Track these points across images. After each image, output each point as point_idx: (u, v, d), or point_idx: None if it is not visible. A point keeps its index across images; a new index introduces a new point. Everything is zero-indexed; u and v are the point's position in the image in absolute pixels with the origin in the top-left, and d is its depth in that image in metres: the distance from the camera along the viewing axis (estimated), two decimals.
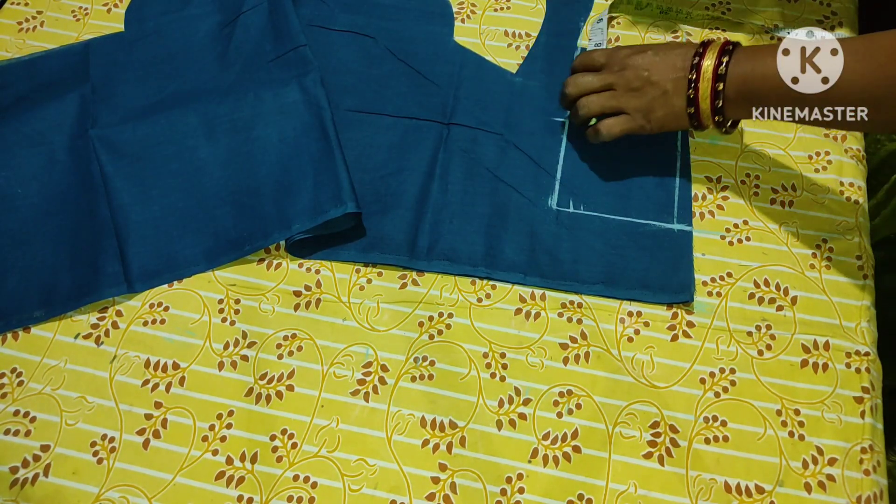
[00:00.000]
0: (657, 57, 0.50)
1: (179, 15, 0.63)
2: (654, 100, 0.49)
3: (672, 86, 0.49)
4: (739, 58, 0.46)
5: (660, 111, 0.49)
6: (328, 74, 0.59)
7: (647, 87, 0.49)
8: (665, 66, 0.49)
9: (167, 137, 0.55)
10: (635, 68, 0.50)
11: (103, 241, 0.52)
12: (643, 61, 0.50)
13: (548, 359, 0.48)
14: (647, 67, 0.50)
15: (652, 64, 0.49)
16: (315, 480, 0.44)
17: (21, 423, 0.46)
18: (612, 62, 0.51)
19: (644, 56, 0.50)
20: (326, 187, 0.51)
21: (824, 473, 0.44)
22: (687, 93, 0.48)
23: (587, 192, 0.54)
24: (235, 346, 0.49)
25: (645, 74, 0.49)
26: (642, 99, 0.50)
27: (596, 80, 0.52)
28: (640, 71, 0.50)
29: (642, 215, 0.53)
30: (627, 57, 0.51)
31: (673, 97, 0.49)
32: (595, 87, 0.52)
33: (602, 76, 0.52)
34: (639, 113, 0.50)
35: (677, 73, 0.48)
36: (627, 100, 0.50)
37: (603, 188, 0.54)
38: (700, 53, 0.48)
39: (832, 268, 0.50)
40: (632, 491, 0.43)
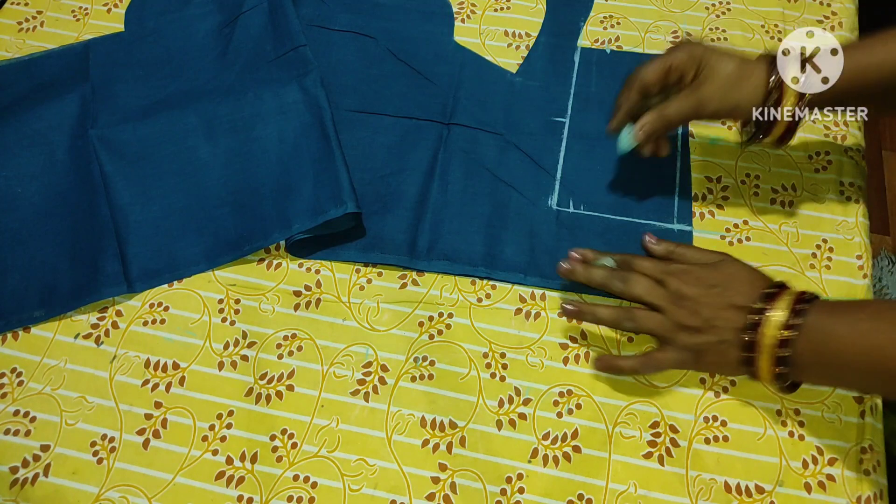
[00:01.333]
0: (718, 291, 0.43)
1: (179, 15, 0.63)
2: (708, 345, 0.43)
3: (732, 336, 0.42)
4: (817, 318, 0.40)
5: (712, 357, 0.43)
6: (328, 74, 0.59)
7: (705, 330, 0.43)
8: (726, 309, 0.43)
9: (167, 137, 0.55)
10: (693, 302, 0.44)
11: (103, 241, 0.52)
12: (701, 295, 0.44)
13: (548, 359, 0.48)
14: (706, 303, 0.43)
15: (711, 301, 0.43)
16: (315, 480, 0.44)
17: (21, 423, 0.46)
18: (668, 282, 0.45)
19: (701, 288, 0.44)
20: (326, 187, 0.51)
21: (824, 473, 0.44)
22: (741, 354, 0.42)
23: (587, 192, 0.54)
24: (235, 346, 0.49)
25: (706, 315, 0.43)
26: (695, 339, 0.43)
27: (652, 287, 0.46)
28: (698, 307, 0.43)
29: (642, 215, 0.53)
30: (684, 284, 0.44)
31: (729, 349, 0.43)
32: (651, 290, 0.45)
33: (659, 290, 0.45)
34: (688, 352, 0.44)
35: (737, 323, 0.42)
36: (677, 334, 0.44)
37: (603, 188, 0.54)
38: (768, 298, 0.41)
39: (832, 268, 0.50)
40: (632, 491, 0.43)
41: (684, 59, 0.45)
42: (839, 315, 0.39)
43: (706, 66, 0.45)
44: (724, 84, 0.45)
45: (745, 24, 0.62)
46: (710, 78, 0.45)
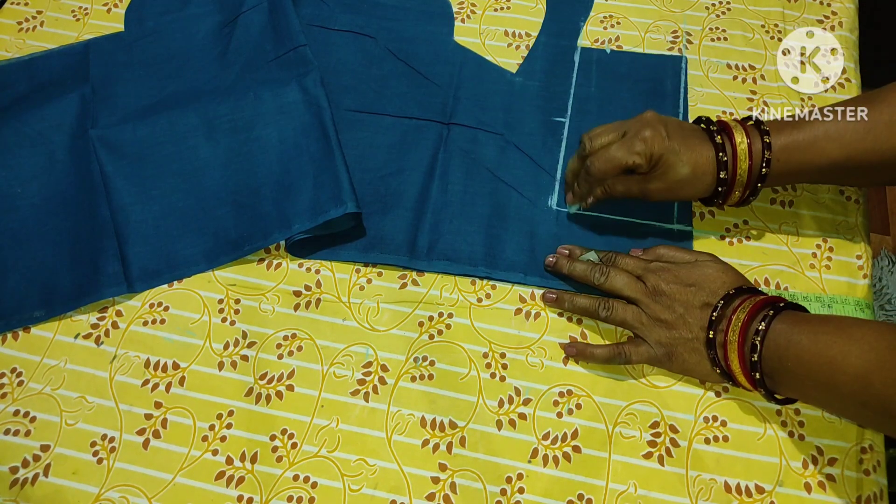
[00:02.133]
0: (693, 290, 0.45)
1: (179, 15, 0.63)
2: (680, 342, 0.44)
3: (701, 334, 0.44)
4: (782, 325, 0.40)
5: (684, 355, 0.45)
6: (328, 74, 0.59)
7: (677, 326, 0.45)
8: (698, 307, 0.44)
9: (167, 137, 0.55)
10: (668, 298, 0.45)
11: (103, 241, 0.52)
12: (677, 292, 0.45)
13: (548, 359, 0.48)
14: (680, 300, 0.45)
15: (686, 299, 0.45)
16: (315, 480, 0.44)
17: (21, 423, 0.46)
18: (647, 277, 0.47)
19: (678, 286, 0.45)
20: (326, 187, 0.51)
21: (824, 473, 0.44)
22: (709, 353, 0.43)
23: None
24: (235, 346, 0.49)
25: (679, 311, 0.44)
26: (667, 334, 0.45)
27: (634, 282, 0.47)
28: (672, 303, 0.45)
29: (642, 215, 0.53)
30: (662, 280, 0.46)
31: (699, 347, 0.44)
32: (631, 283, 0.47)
33: (639, 285, 0.47)
34: (660, 347, 0.45)
35: (704, 321, 0.44)
36: (651, 328, 0.45)
37: None
38: (728, 298, 0.43)
39: (832, 268, 0.50)
40: (632, 491, 0.43)
41: (642, 160, 0.45)
42: (804, 325, 0.40)
43: (662, 165, 0.46)
44: (673, 186, 0.46)
45: (745, 24, 0.62)
46: (662, 178, 0.46)
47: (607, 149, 0.47)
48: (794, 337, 0.39)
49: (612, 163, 0.46)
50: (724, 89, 0.58)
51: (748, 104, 0.57)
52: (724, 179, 0.45)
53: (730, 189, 0.46)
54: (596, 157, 0.47)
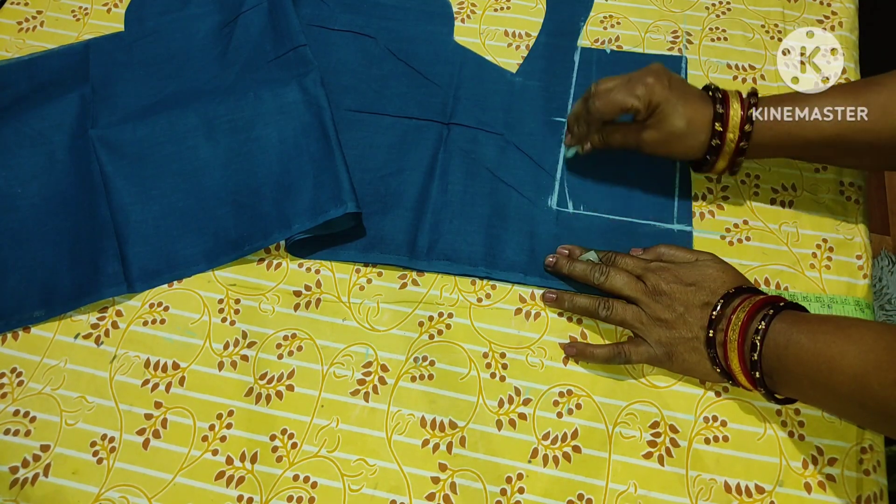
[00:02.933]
0: (693, 289, 0.45)
1: (179, 15, 0.63)
2: (680, 341, 0.45)
3: (701, 333, 0.44)
4: (781, 324, 0.40)
5: (684, 354, 0.45)
6: (328, 74, 0.59)
7: (677, 326, 0.45)
8: (698, 307, 0.44)
9: (167, 137, 0.55)
10: (668, 298, 0.45)
11: (103, 241, 0.52)
12: (677, 292, 0.45)
13: (548, 359, 0.48)
14: (680, 300, 0.45)
15: (686, 298, 0.45)
16: (315, 480, 0.44)
17: (21, 423, 0.46)
18: (647, 277, 0.47)
19: (678, 285, 0.45)
20: (326, 187, 0.51)
21: (824, 473, 0.44)
22: (708, 352, 0.43)
23: (587, 193, 0.54)
24: (235, 346, 0.49)
25: (679, 311, 0.45)
26: (667, 333, 0.45)
27: (633, 282, 0.47)
28: (672, 302, 0.45)
29: (642, 215, 0.53)
30: (662, 280, 0.46)
31: (699, 347, 0.44)
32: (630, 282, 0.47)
33: (639, 285, 0.47)
34: (660, 346, 0.45)
35: (703, 321, 0.44)
36: (651, 327, 0.45)
37: (603, 188, 0.54)
38: (727, 298, 0.43)
39: (832, 268, 0.50)
40: (632, 491, 0.43)
41: (640, 104, 0.47)
42: (803, 324, 0.40)
43: (658, 114, 0.47)
44: (667, 138, 0.48)
45: (745, 24, 0.62)
46: (657, 127, 0.47)
47: (609, 90, 0.48)
48: (793, 336, 0.39)
49: (613, 103, 0.47)
50: None
51: None
52: (715, 144, 0.46)
53: (719, 153, 0.47)
54: (597, 96, 0.48)
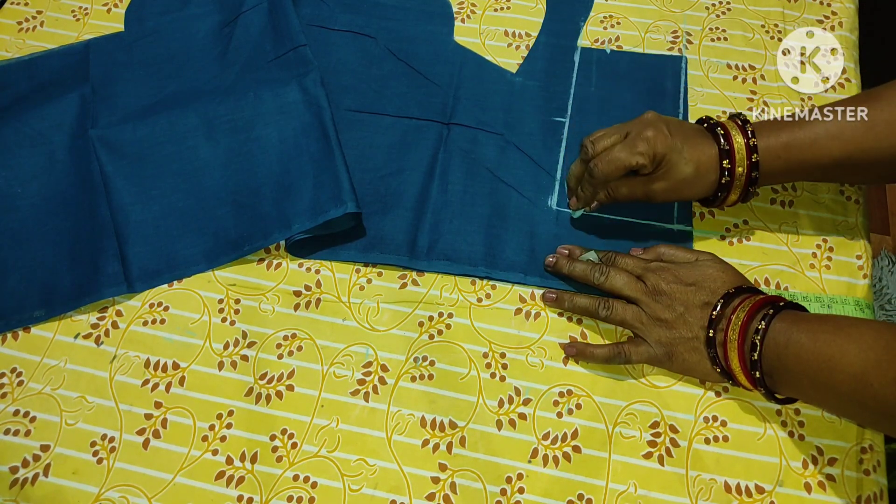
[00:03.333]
0: (693, 289, 0.45)
1: (179, 15, 0.63)
2: (680, 341, 0.44)
3: (701, 333, 0.44)
4: (782, 324, 0.40)
5: (684, 354, 0.45)
6: (328, 74, 0.59)
7: (677, 326, 0.45)
8: (698, 306, 0.44)
9: (167, 137, 0.55)
10: (668, 298, 0.45)
11: (103, 241, 0.52)
12: (677, 291, 0.45)
13: (548, 359, 0.48)
14: (680, 299, 0.45)
15: (686, 298, 0.45)
16: (315, 480, 0.44)
17: (21, 423, 0.46)
18: (647, 277, 0.47)
19: (678, 285, 0.45)
20: (326, 187, 0.51)
21: (824, 473, 0.44)
22: (709, 352, 0.43)
23: None
24: (235, 346, 0.49)
25: (679, 311, 0.44)
26: (667, 333, 0.45)
27: (633, 281, 0.47)
28: (672, 302, 0.45)
29: (642, 215, 0.53)
30: (662, 280, 0.46)
31: (699, 347, 0.44)
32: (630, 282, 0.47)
33: (639, 285, 0.47)
34: (660, 346, 0.45)
35: (704, 320, 0.44)
36: (651, 327, 0.45)
37: None
38: (727, 298, 0.43)
39: (832, 268, 0.50)
40: (632, 491, 0.43)
41: (646, 160, 0.45)
42: (803, 324, 0.40)
43: (665, 164, 0.46)
44: (677, 186, 0.46)
45: (745, 24, 0.62)
46: (666, 178, 0.46)
47: (610, 151, 0.47)
48: (793, 336, 0.39)
49: (616, 164, 0.46)
50: (724, 89, 0.58)
51: (748, 104, 0.57)
52: (725, 181, 0.46)
53: (730, 188, 0.46)
54: (599, 159, 0.47)
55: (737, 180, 0.46)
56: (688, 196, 0.47)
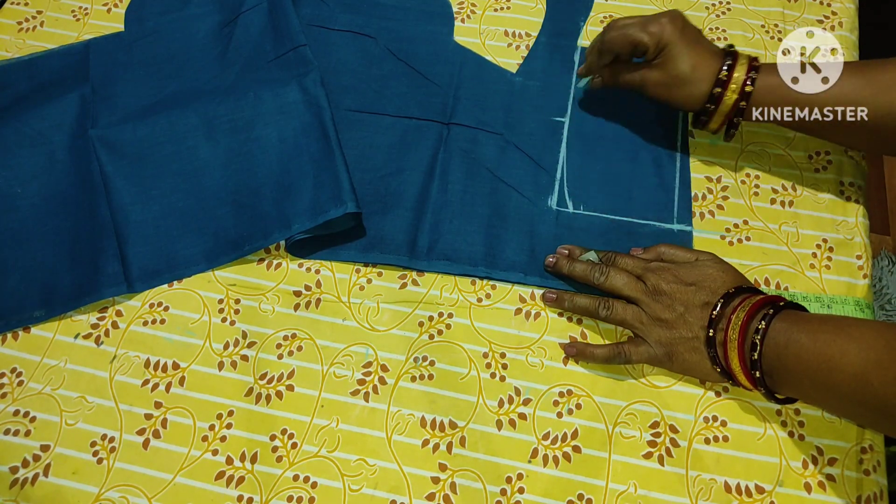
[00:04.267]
0: (693, 289, 0.45)
1: (179, 15, 0.63)
2: (680, 341, 0.44)
3: (701, 333, 0.44)
4: (782, 324, 0.40)
5: (684, 354, 0.45)
6: (328, 74, 0.59)
7: (677, 325, 0.45)
8: (698, 306, 0.44)
9: (167, 137, 0.55)
10: (668, 298, 0.45)
11: (103, 241, 0.52)
12: (677, 291, 0.45)
13: (548, 359, 0.48)
14: (680, 299, 0.45)
15: (686, 298, 0.45)
16: (315, 480, 0.44)
17: (21, 423, 0.46)
18: (647, 277, 0.47)
19: (678, 285, 0.45)
20: (326, 187, 0.51)
21: (824, 473, 0.44)
22: (709, 352, 0.43)
23: (587, 193, 0.54)
24: (235, 346, 0.49)
25: (679, 311, 0.44)
26: (668, 333, 0.45)
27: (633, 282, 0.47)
28: (672, 302, 0.45)
29: (642, 215, 0.53)
30: (662, 280, 0.46)
31: (700, 347, 0.44)
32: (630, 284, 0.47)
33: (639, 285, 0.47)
34: (661, 346, 0.45)
35: (704, 320, 0.44)
36: (651, 327, 0.45)
37: (603, 188, 0.54)
38: (727, 298, 0.43)
39: (832, 268, 0.50)
40: (632, 491, 0.43)
41: (650, 41, 0.48)
42: (803, 324, 0.40)
43: (665, 54, 0.48)
44: (670, 80, 0.49)
45: (745, 24, 0.62)
46: (662, 68, 0.49)
47: (626, 24, 0.50)
48: (793, 335, 0.39)
49: (624, 35, 0.49)
50: None
51: None
52: (716, 95, 0.47)
53: (716, 107, 0.48)
54: (613, 28, 0.50)
55: (724, 104, 0.47)
56: (677, 97, 0.49)
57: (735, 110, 0.48)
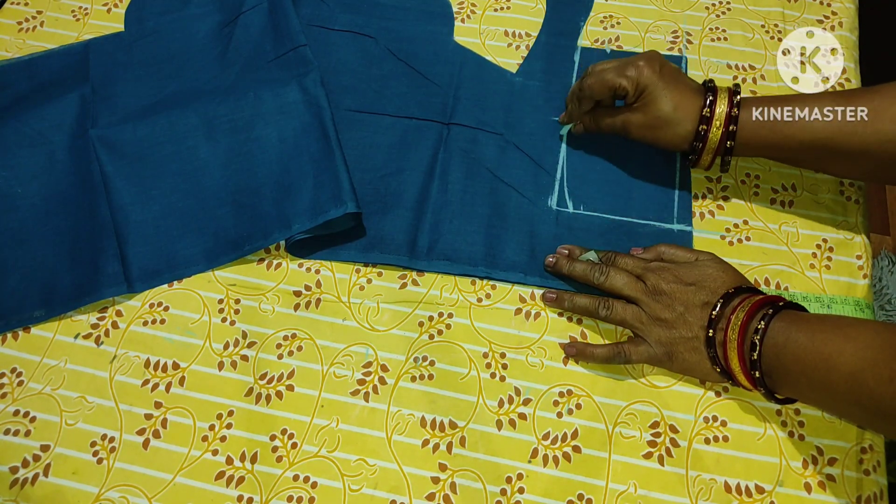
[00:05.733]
0: (693, 289, 0.45)
1: (179, 15, 0.63)
2: (680, 341, 0.44)
3: (701, 333, 0.44)
4: (780, 324, 0.40)
5: (684, 354, 0.44)
6: (328, 74, 0.59)
7: (677, 325, 0.45)
8: (698, 306, 0.44)
9: (167, 137, 0.55)
10: (668, 298, 0.45)
11: (103, 241, 0.52)
12: (676, 291, 0.45)
13: (548, 359, 0.48)
14: (680, 299, 0.45)
15: (686, 298, 0.44)
16: (315, 480, 0.44)
17: (21, 423, 0.46)
18: (647, 277, 0.47)
19: (678, 285, 0.45)
20: (326, 187, 0.51)
21: (824, 473, 0.44)
22: (709, 352, 0.43)
23: (587, 193, 0.54)
24: (235, 346, 0.49)
25: (679, 311, 0.44)
26: (668, 333, 0.45)
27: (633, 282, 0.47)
28: (672, 302, 0.45)
29: (642, 215, 0.53)
30: (662, 280, 0.46)
31: (699, 347, 0.44)
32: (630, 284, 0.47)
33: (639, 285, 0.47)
34: (660, 346, 0.45)
35: (703, 320, 0.44)
36: (651, 327, 0.45)
37: (603, 188, 0.54)
38: (727, 298, 0.43)
39: (832, 268, 0.50)
40: (632, 491, 0.43)
41: (629, 84, 0.48)
42: (802, 323, 0.40)
43: (646, 97, 0.48)
44: (653, 122, 0.48)
45: (745, 24, 0.62)
46: (644, 111, 0.48)
47: (603, 70, 0.50)
48: (792, 335, 0.39)
49: (603, 81, 0.49)
50: None
51: None
52: (702, 133, 0.47)
53: (703, 146, 0.48)
54: (590, 75, 0.51)
55: (710, 142, 0.47)
56: (663, 138, 0.49)
57: (723, 145, 0.47)
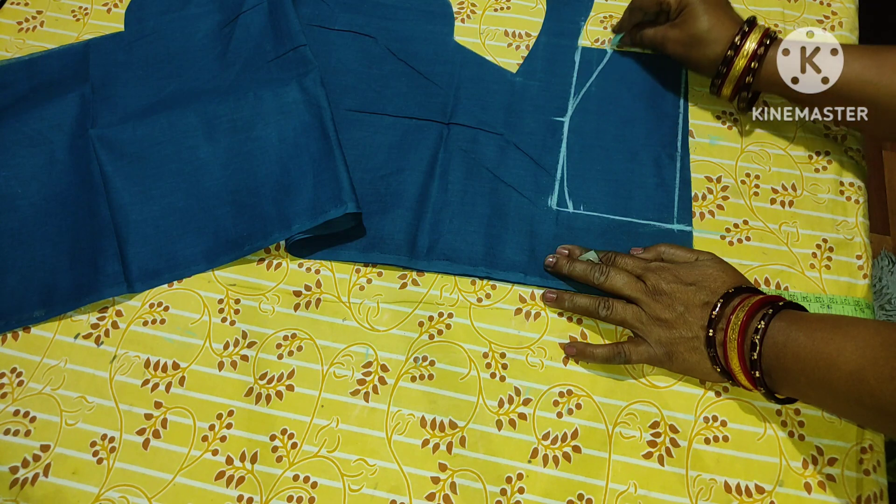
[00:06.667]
0: (693, 289, 0.45)
1: (179, 14, 0.63)
2: (680, 341, 0.44)
3: (701, 333, 0.44)
4: (780, 323, 0.40)
5: (684, 354, 0.45)
6: (328, 74, 0.59)
7: (677, 325, 0.45)
8: (698, 306, 0.44)
9: (167, 137, 0.55)
10: (668, 297, 0.45)
11: (103, 241, 0.52)
12: (677, 291, 0.45)
13: (548, 359, 0.48)
14: (680, 299, 0.45)
15: (686, 298, 0.45)
16: (315, 480, 0.44)
17: (21, 423, 0.46)
18: (647, 277, 0.47)
19: (678, 285, 0.45)
20: (326, 187, 0.51)
21: (824, 473, 0.44)
22: (709, 352, 0.43)
23: (587, 193, 0.54)
24: (235, 346, 0.49)
25: (679, 310, 0.44)
26: (668, 333, 0.45)
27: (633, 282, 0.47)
28: (672, 301, 0.45)
29: (642, 215, 0.53)
30: (662, 279, 0.46)
31: (700, 346, 0.44)
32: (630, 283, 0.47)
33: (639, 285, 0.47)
34: (661, 346, 0.45)
35: (703, 320, 0.44)
36: (651, 327, 0.45)
37: (603, 188, 0.54)
38: (727, 298, 0.43)
39: (832, 268, 0.50)
40: (632, 491, 0.44)
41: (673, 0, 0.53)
42: (802, 323, 0.40)
43: (686, 13, 0.52)
44: (689, 39, 0.52)
45: None
46: (682, 27, 0.52)
47: None
48: (791, 334, 0.39)
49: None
50: None
51: None
52: (728, 58, 0.50)
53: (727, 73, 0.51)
54: None
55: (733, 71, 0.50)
56: (693, 57, 0.52)
57: (743, 78, 0.50)
